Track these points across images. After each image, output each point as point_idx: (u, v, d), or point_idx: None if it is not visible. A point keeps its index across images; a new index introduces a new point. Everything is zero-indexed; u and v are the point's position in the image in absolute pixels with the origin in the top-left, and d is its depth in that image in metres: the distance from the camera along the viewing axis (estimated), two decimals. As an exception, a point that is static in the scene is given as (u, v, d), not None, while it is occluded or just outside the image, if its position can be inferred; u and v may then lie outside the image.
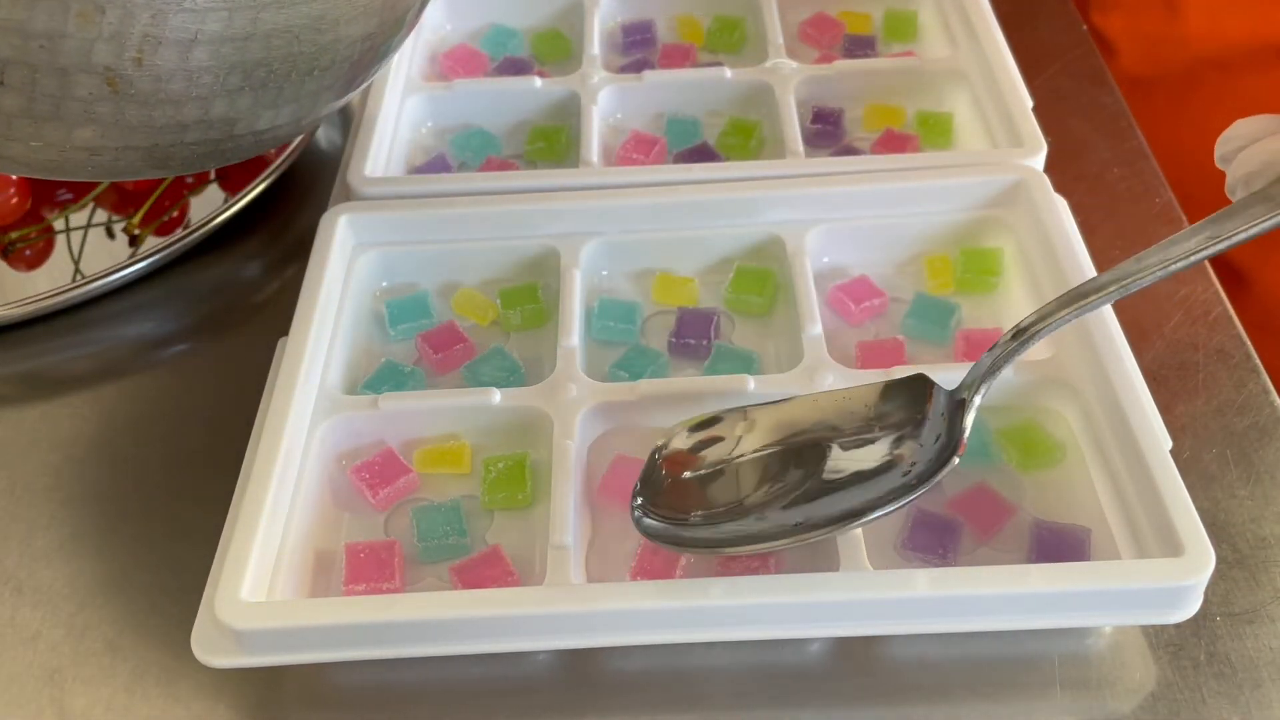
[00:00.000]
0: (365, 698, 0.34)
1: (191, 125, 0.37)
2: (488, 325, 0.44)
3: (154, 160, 0.38)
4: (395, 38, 0.41)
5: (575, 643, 0.33)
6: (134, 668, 0.35)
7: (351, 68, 0.39)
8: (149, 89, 0.35)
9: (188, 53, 0.34)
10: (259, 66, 0.36)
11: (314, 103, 0.39)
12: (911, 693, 0.33)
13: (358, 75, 0.40)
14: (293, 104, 0.39)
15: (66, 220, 0.52)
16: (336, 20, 0.37)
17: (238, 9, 0.34)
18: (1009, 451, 0.38)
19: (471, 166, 0.50)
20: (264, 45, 0.35)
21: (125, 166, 0.38)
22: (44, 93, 0.34)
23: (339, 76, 0.39)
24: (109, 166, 0.37)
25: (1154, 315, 0.44)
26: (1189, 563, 0.31)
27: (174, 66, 0.34)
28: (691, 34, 0.57)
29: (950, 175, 0.44)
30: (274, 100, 0.38)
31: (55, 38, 0.33)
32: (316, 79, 0.38)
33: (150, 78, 0.34)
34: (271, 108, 0.38)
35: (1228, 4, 0.58)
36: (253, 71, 0.36)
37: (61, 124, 0.35)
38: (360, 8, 0.37)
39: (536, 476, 0.38)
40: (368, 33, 0.38)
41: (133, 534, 0.39)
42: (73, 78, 0.34)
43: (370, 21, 0.38)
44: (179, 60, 0.34)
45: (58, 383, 0.45)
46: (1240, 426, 0.40)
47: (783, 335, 0.42)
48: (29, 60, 0.33)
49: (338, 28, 0.37)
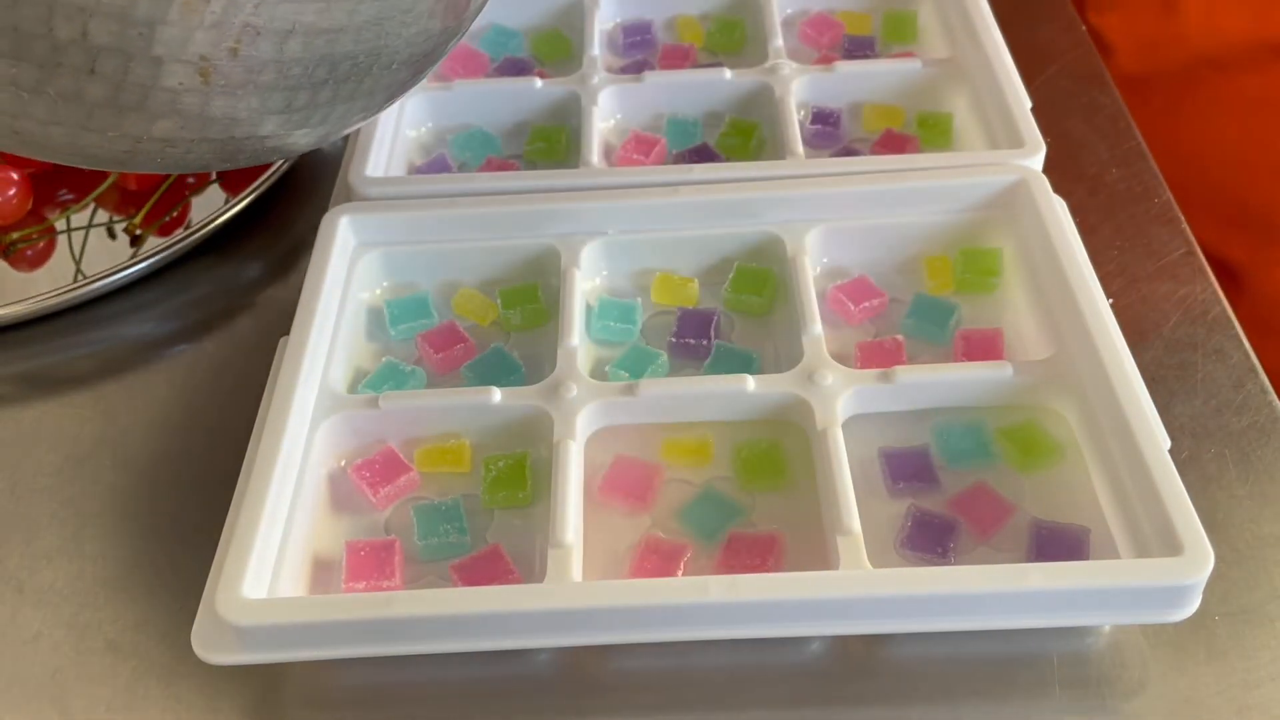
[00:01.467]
0: (365, 697, 0.34)
1: (272, 118, 0.36)
2: (488, 325, 0.44)
3: (224, 154, 0.37)
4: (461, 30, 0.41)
5: (575, 640, 0.33)
6: (135, 667, 0.35)
7: (421, 61, 0.39)
8: (240, 80, 0.34)
9: (284, 43, 0.34)
10: (345, 59, 0.35)
11: (383, 97, 0.39)
12: (911, 692, 0.33)
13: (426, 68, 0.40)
14: (366, 97, 0.38)
15: (68, 220, 0.52)
16: (421, 14, 0.36)
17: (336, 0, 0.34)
18: (1008, 451, 0.38)
19: (472, 167, 0.50)
20: (354, 38, 0.35)
21: (194, 159, 0.37)
22: (134, 81, 0.33)
23: (409, 71, 0.39)
24: (179, 159, 0.36)
25: (1153, 315, 0.44)
26: (1188, 562, 0.31)
27: (268, 57, 0.34)
28: (691, 34, 0.57)
29: (950, 176, 0.44)
30: (351, 94, 0.37)
31: (156, 24, 0.32)
32: (393, 73, 0.37)
33: (243, 69, 0.34)
34: (347, 101, 0.37)
35: (1225, 3, 0.58)
36: (339, 64, 0.35)
37: (144, 115, 0.34)
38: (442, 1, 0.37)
39: (537, 476, 0.38)
40: (445, 27, 0.38)
41: (134, 534, 0.39)
42: (165, 67, 0.33)
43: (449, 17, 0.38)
44: (274, 51, 0.34)
45: (58, 383, 0.45)
46: (1239, 426, 0.40)
47: (782, 335, 0.42)
48: (125, 48, 0.32)
49: (420, 21, 0.36)
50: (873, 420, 0.39)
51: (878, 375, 0.38)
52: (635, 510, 0.37)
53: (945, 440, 0.38)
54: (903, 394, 0.39)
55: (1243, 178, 0.60)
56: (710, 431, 0.39)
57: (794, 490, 0.37)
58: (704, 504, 0.37)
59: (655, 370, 0.41)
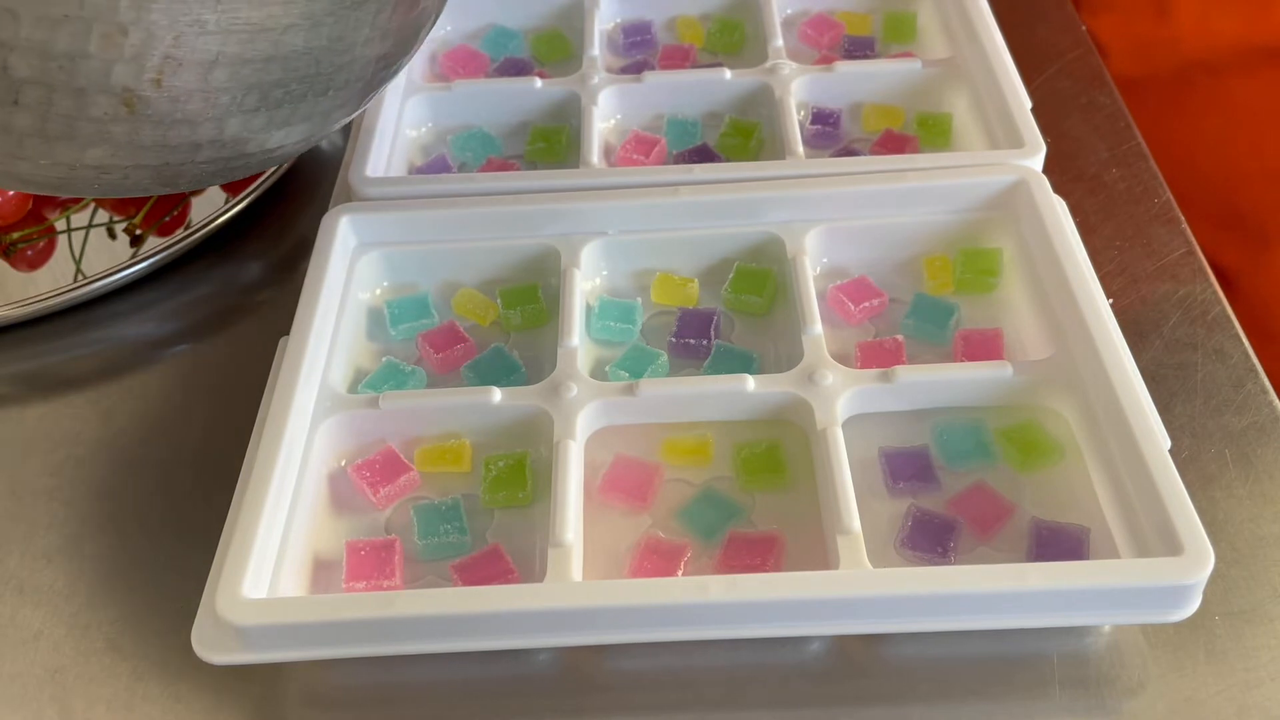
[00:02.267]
0: (366, 697, 0.34)
1: (205, 144, 0.36)
2: (488, 325, 0.44)
3: (162, 179, 0.38)
4: (407, 56, 0.41)
5: (575, 640, 0.33)
6: (135, 667, 0.35)
7: (364, 86, 0.39)
8: (166, 109, 0.34)
9: (208, 74, 0.34)
10: (276, 87, 0.36)
11: (325, 121, 0.39)
12: (911, 692, 0.33)
13: (369, 92, 0.40)
14: (305, 123, 0.38)
15: (68, 220, 0.52)
16: (354, 42, 0.37)
17: (260, 31, 0.34)
18: (1008, 451, 0.38)
19: (472, 167, 0.50)
20: (284, 67, 0.35)
21: (133, 184, 0.38)
22: (59, 113, 0.33)
23: (352, 95, 0.39)
24: (116, 184, 0.37)
25: (1152, 315, 0.44)
26: (1188, 562, 0.31)
27: (193, 87, 0.34)
28: (691, 35, 0.57)
29: (949, 176, 0.44)
30: (287, 119, 0.37)
31: (76, 58, 0.32)
32: (331, 98, 0.38)
33: (168, 99, 0.34)
34: (284, 126, 0.38)
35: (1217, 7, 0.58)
36: (270, 92, 0.36)
37: (74, 143, 0.35)
38: (379, 29, 0.37)
39: (537, 475, 0.38)
40: (383, 53, 0.38)
41: (134, 533, 0.39)
42: (90, 98, 0.33)
43: (386, 43, 0.38)
44: (198, 81, 0.34)
45: (59, 383, 0.45)
46: (1239, 426, 0.40)
47: (782, 335, 0.42)
48: (46, 80, 0.33)
49: (354, 49, 0.37)
50: (873, 420, 0.39)
51: (878, 375, 0.38)
52: (635, 510, 0.37)
53: (945, 440, 0.38)
54: (903, 394, 0.39)
55: (1235, 181, 0.61)
56: (710, 431, 0.39)
57: (794, 490, 0.37)
58: (704, 504, 0.37)
59: (655, 370, 0.41)
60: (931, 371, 0.39)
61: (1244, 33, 0.57)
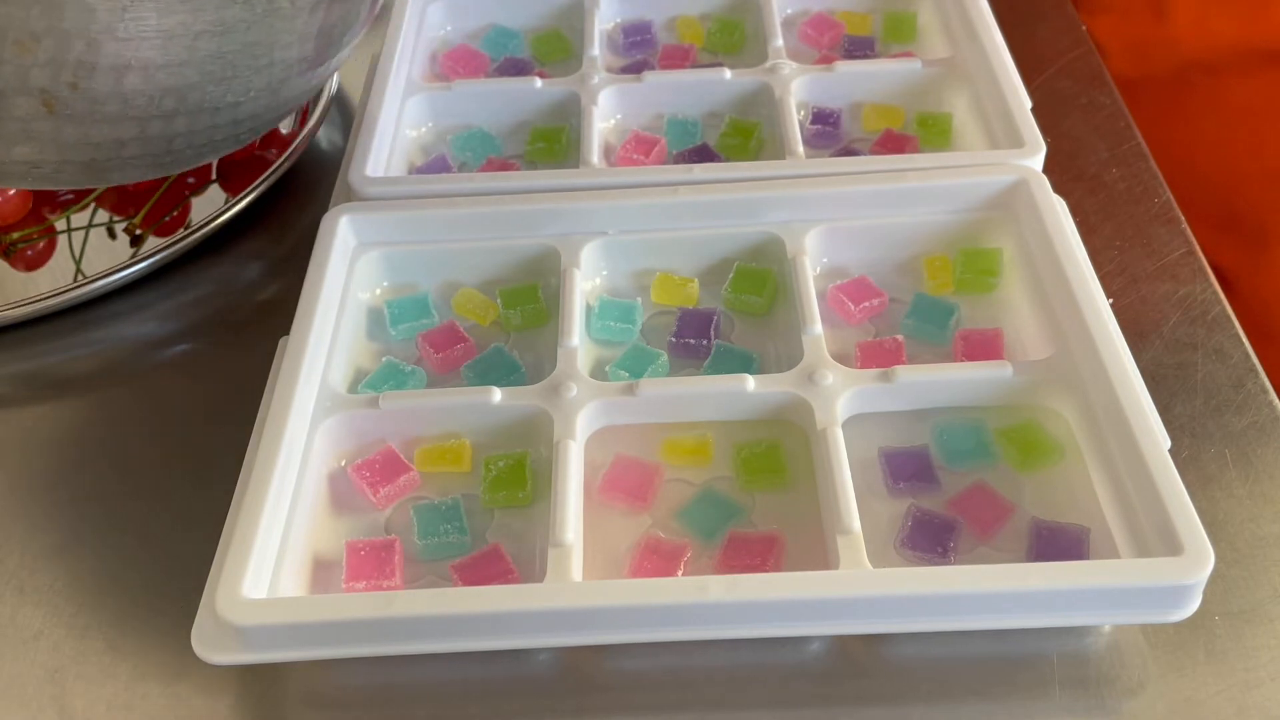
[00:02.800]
0: (365, 697, 0.34)
1: (128, 142, 0.38)
2: (488, 325, 0.44)
3: (93, 172, 0.39)
4: (334, 59, 0.42)
5: (575, 640, 0.33)
6: (135, 667, 0.35)
7: (289, 86, 0.40)
8: (84, 110, 0.36)
9: (121, 78, 0.35)
10: (193, 90, 0.37)
11: (254, 122, 0.40)
12: (911, 692, 0.33)
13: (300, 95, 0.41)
14: (230, 124, 0.39)
15: (68, 220, 0.52)
16: (272, 46, 0.38)
17: (172, 38, 0.35)
18: (1008, 451, 0.38)
19: (472, 167, 0.50)
20: (198, 71, 0.36)
21: (66, 178, 0.39)
22: None
23: (277, 96, 0.40)
24: (50, 177, 0.38)
25: (1152, 315, 0.44)
26: (1188, 562, 0.31)
27: (109, 90, 0.36)
28: (691, 35, 0.57)
29: (949, 176, 0.44)
30: (210, 120, 0.38)
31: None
32: (254, 100, 0.39)
33: (85, 100, 0.35)
34: (209, 125, 0.39)
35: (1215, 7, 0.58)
36: (187, 95, 0.37)
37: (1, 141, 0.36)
38: (297, 33, 0.38)
39: (537, 475, 0.38)
40: (303, 56, 0.39)
41: (134, 533, 0.39)
42: (10, 100, 0.35)
43: (306, 46, 0.39)
44: (113, 85, 0.35)
45: (58, 383, 0.45)
46: (1239, 426, 0.40)
47: (782, 335, 0.42)
48: None
49: (273, 53, 0.38)
50: (873, 420, 0.39)
51: (878, 375, 0.38)
52: (635, 510, 0.37)
53: (945, 440, 0.38)
54: (903, 394, 0.39)
55: (1233, 182, 0.61)
56: (710, 431, 0.39)
57: (794, 490, 0.37)
58: (704, 504, 0.37)
59: (655, 370, 0.41)
60: (931, 371, 0.39)
61: (1242, 34, 0.57)
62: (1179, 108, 0.61)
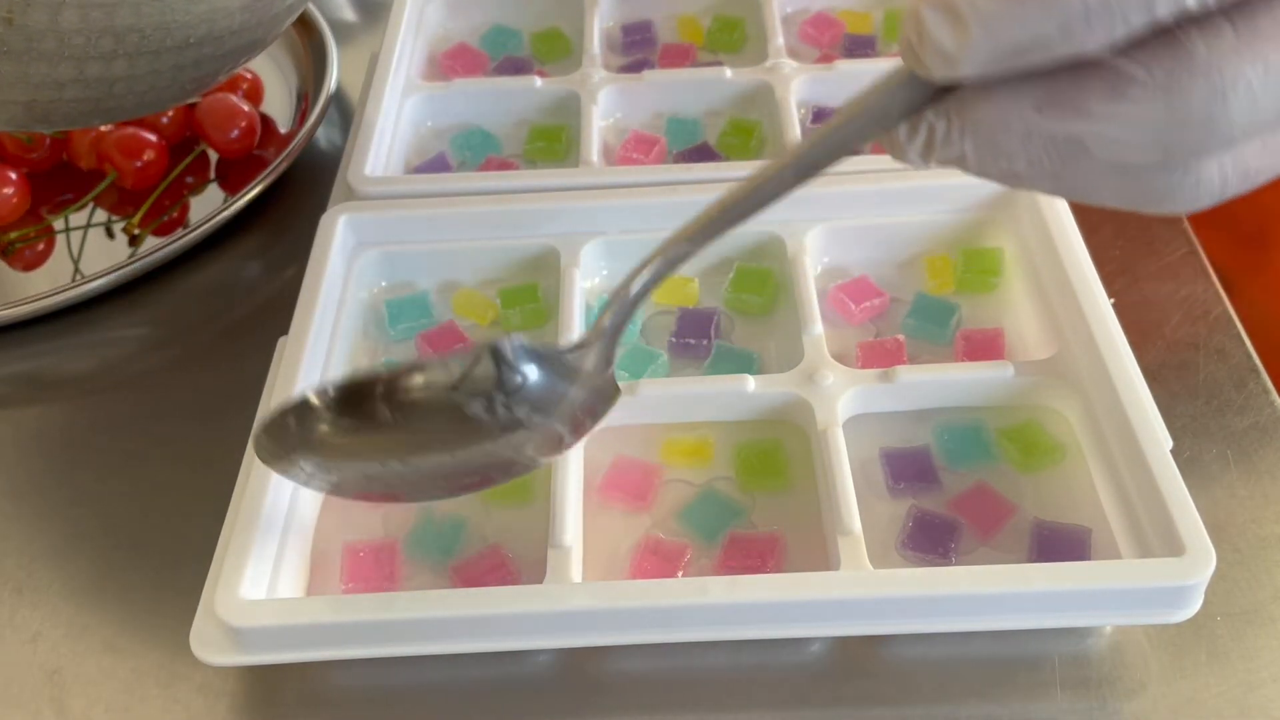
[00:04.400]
0: (365, 698, 0.34)
1: (68, 84, 0.38)
2: (488, 325, 0.44)
3: (34, 114, 0.39)
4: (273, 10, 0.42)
5: (575, 641, 0.33)
6: (133, 668, 0.35)
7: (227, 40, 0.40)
8: (21, 47, 0.36)
9: (57, 15, 0.36)
10: (130, 32, 0.37)
11: (196, 70, 0.41)
12: (911, 693, 0.33)
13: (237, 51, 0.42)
14: (172, 70, 0.39)
15: (66, 220, 0.52)
16: None
17: None
18: (1009, 451, 0.38)
19: (471, 166, 0.50)
20: (134, 12, 0.36)
21: (8, 118, 0.39)
22: None
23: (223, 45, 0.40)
24: None
25: (1154, 315, 0.44)
26: (1190, 562, 0.31)
27: (44, 27, 0.36)
28: (691, 34, 0.57)
29: (950, 175, 0.44)
30: (151, 65, 0.38)
31: None
32: (195, 49, 0.39)
33: (21, 36, 0.36)
34: (150, 73, 0.39)
35: None
36: (124, 36, 0.37)
37: None
38: None
39: (537, 476, 0.38)
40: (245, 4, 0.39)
41: (132, 534, 0.39)
42: None
43: None
44: (49, 21, 0.36)
45: (58, 383, 0.45)
46: (1240, 426, 0.40)
47: (783, 335, 0.42)
48: None
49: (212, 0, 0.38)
50: (873, 420, 0.39)
51: (878, 375, 0.38)
52: (635, 510, 0.37)
53: (946, 440, 0.38)
54: (903, 394, 0.38)
55: None
56: (710, 431, 0.39)
57: (794, 490, 0.37)
58: (704, 504, 0.37)
59: (655, 370, 0.41)
60: (932, 371, 0.39)
61: None
62: None
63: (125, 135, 0.52)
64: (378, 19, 0.63)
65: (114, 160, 0.52)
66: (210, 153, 0.55)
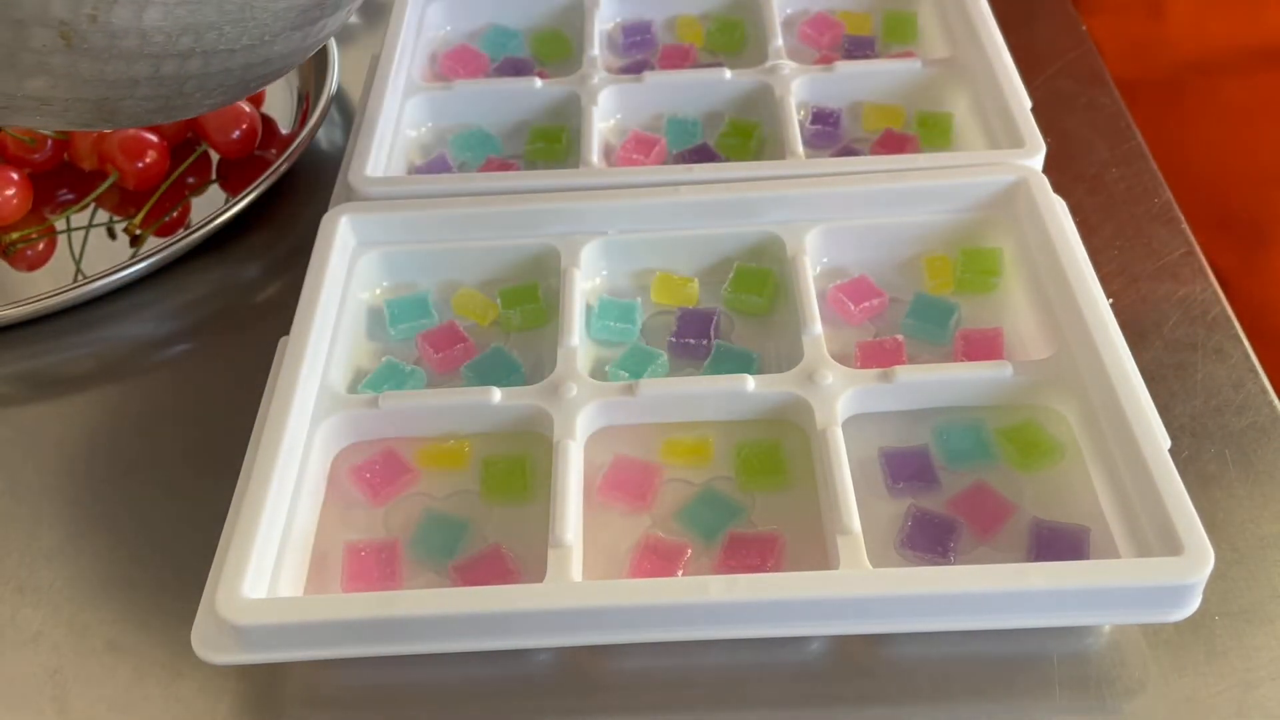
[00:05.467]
0: (365, 697, 0.34)
1: (143, 81, 0.38)
2: (488, 325, 0.44)
3: (103, 112, 0.39)
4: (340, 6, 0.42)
5: (575, 640, 0.33)
6: (135, 667, 0.35)
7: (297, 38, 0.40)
8: (102, 44, 0.36)
9: (142, 11, 0.35)
10: (210, 29, 0.37)
11: (265, 68, 0.40)
12: (911, 692, 0.33)
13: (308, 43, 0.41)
14: (242, 69, 0.39)
15: (68, 220, 0.52)
16: None
17: None
18: (1008, 451, 0.38)
19: (472, 167, 0.50)
20: (217, 9, 0.36)
21: (74, 117, 0.39)
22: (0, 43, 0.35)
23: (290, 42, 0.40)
24: (58, 115, 0.38)
25: (1152, 315, 0.44)
26: (1188, 562, 0.31)
27: (127, 25, 0.35)
28: (691, 35, 0.57)
29: (949, 176, 0.44)
30: (224, 64, 0.38)
31: None
32: (267, 47, 0.39)
33: (104, 34, 0.35)
34: (222, 70, 0.39)
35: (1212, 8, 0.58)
36: (204, 34, 0.37)
37: (13, 73, 0.36)
38: None
39: (536, 476, 0.38)
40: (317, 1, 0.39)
41: (133, 533, 0.39)
42: (28, 29, 0.34)
43: None
44: (132, 19, 0.35)
45: (58, 383, 0.45)
46: (1239, 426, 0.40)
47: (783, 335, 0.42)
48: None
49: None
50: (873, 420, 0.39)
51: (878, 375, 0.38)
52: (635, 510, 0.37)
53: (945, 440, 0.38)
54: (903, 394, 0.39)
55: (1229, 182, 0.61)
56: (710, 431, 0.39)
57: (794, 490, 0.37)
58: (704, 504, 0.37)
59: (655, 370, 0.41)
60: (931, 371, 0.39)
61: (1238, 35, 0.57)
62: (1175, 108, 0.61)
63: (127, 136, 0.52)
64: (378, 20, 0.63)
65: (116, 161, 0.52)
66: (211, 153, 0.55)
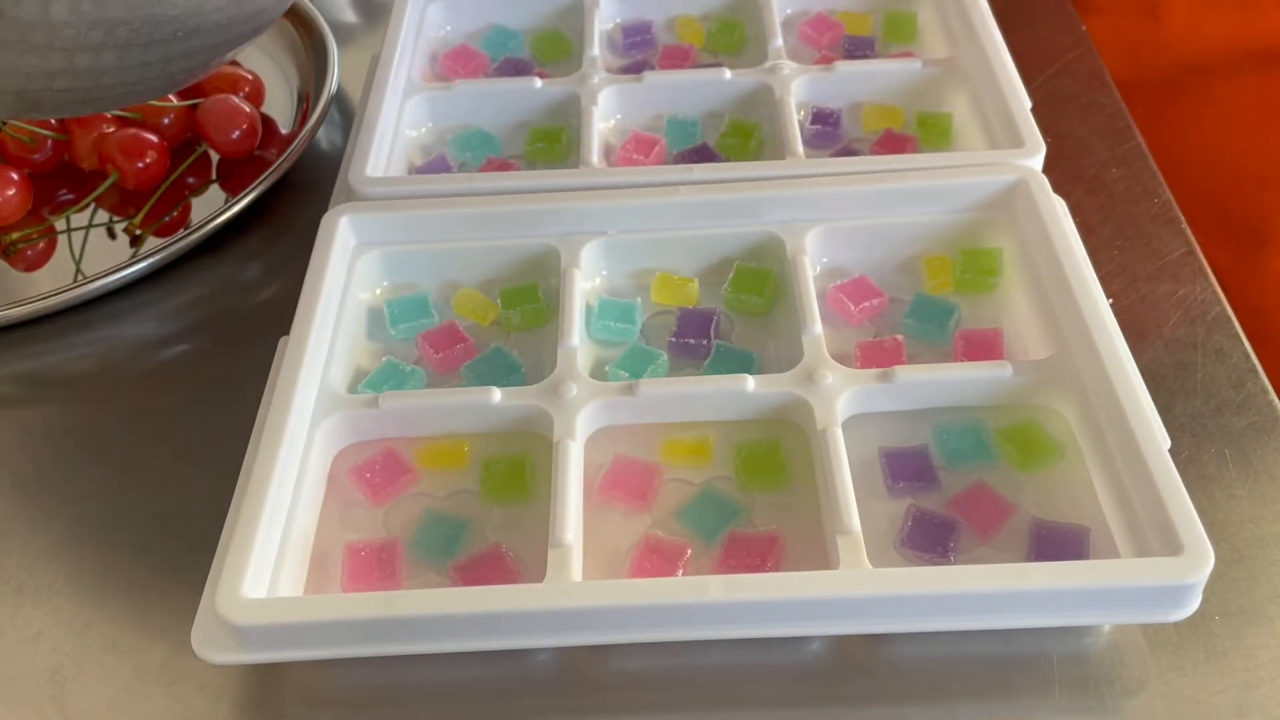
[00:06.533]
0: (365, 697, 0.34)
1: (58, 74, 0.38)
2: (488, 325, 0.44)
3: (25, 103, 0.40)
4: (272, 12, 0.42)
5: (575, 640, 0.33)
6: (135, 667, 0.35)
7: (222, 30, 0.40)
8: (13, 38, 0.36)
9: (47, 6, 0.36)
10: (119, 25, 0.37)
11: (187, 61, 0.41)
12: (911, 692, 0.33)
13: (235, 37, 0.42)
14: (161, 62, 0.40)
15: (68, 221, 0.52)
16: None
17: None
18: (1008, 451, 0.38)
19: (472, 167, 0.50)
20: (123, 5, 0.37)
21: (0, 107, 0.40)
22: None
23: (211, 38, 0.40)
24: None
25: (1152, 315, 0.44)
26: (1188, 562, 0.31)
27: (35, 19, 0.36)
28: (691, 35, 0.57)
29: (949, 176, 0.44)
30: (140, 57, 0.39)
31: None
32: (184, 41, 0.39)
33: (14, 27, 0.36)
34: (139, 64, 0.39)
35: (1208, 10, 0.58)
36: (114, 29, 0.37)
37: None
38: None
39: (536, 476, 0.38)
40: None
41: (133, 533, 0.39)
42: None
43: None
44: (39, 13, 0.36)
45: (58, 383, 0.45)
46: (1238, 426, 0.40)
47: (782, 335, 0.42)
48: None
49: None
50: (873, 420, 0.39)
51: (878, 375, 0.38)
52: (635, 510, 0.37)
53: (945, 440, 0.38)
54: (903, 394, 0.39)
55: (1226, 183, 0.61)
56: (710, 431, 0.39)
57: (794, 490, 0.37)
58: (704, 504, 0.37)
59: (655, 370, 0.41)
60: (931, 371, 0.39)
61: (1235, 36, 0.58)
62: (1172, 109, 0.61)
63: (127, 136, 0.52)
64: (378, 20, 0.63)
65: (116, 161, 0.52)
66: (211, 154, 0.55)
